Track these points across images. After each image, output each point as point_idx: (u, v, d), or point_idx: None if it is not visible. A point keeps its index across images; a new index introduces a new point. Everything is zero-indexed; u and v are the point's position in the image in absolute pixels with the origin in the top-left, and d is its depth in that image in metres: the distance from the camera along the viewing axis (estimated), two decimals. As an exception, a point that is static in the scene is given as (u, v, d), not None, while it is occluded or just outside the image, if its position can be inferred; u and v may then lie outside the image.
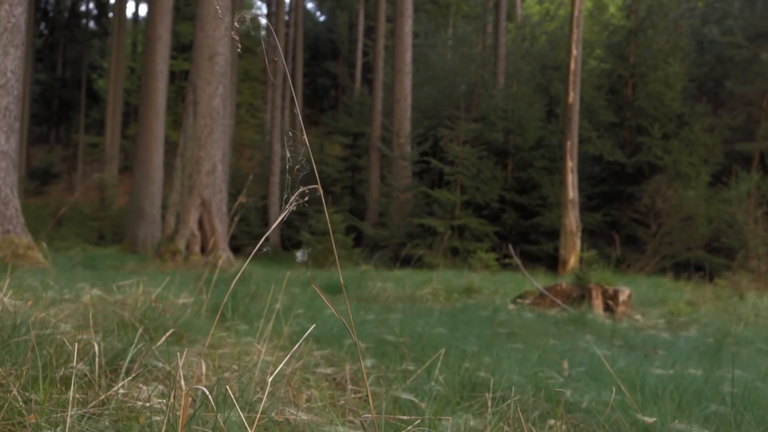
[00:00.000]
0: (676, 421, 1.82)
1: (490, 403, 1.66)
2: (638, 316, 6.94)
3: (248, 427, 1.29)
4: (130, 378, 1.68)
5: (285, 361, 1.72)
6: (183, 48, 32.91)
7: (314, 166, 1.34)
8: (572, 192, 15.05)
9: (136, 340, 1.94)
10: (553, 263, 15.73)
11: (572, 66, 15.17)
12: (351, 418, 1.68)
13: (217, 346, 2.84)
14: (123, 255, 15.46)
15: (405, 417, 1.49)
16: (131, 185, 18.64)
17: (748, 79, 17.22)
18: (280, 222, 1.24)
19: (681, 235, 15.25)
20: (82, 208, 26.34)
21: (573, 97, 15.12)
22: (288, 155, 1.19)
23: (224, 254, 12.57)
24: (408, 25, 20.15)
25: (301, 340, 1.66)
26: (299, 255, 1.28)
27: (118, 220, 24.41)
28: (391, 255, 17.13)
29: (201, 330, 3.22)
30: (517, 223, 17.46)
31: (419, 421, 1.45)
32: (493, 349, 3.58)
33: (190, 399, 1.38)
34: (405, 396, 1.78)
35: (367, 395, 2.10)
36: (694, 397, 2.31)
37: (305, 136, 1.32)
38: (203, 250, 12.55)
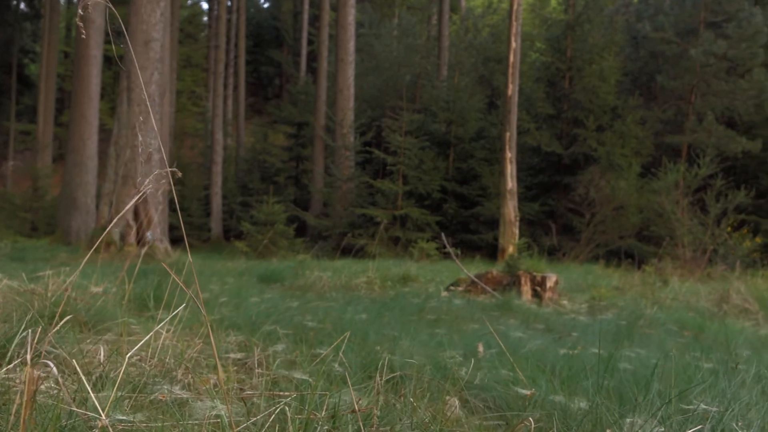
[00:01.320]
0: (560, 394, 1.93)
1: (379, 380, 1.71)
2: (565, 301, 7.20)
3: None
4: (16, 362, 1.66)
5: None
6: (120, 33, 31.78)
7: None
8: (511, 182, 15.40)
9: (23, 326, 1.92)
10: (492, 252, 16.07)
11: (511, 59, 15.46)
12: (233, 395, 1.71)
13: (130, 334, 2.81)
14: (55, 246, 14.94)
15: (285, 393, 1.53)
16: (63, 174, 17.98)
17: (678, 74, 17.95)
18: (132, 205, 1.25)
19: (613, 224, 15.82)
20: (13, 198, 25.23)
21: (512, 89, 15.43)
22: (140, 138, 1.20)
23: (161, 245, 12.33)
24: (351, 15, 20.09)
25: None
26: (149, 235, 1.29)
27: (52, 211, 23.50)
28: (333, 245, 17.13)
29: (116, 319, 3.18)
30: (457, 212, 17.75)
31: (295, 395, 1.50)
32: (412, 334, 3.67)
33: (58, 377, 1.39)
34: (300, 376, 1.83)
35: (270, 378, 2.14)
36: (587, 374, 2.44)
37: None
38: (139, 240, 12.26)
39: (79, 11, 1.21)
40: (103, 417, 1.22)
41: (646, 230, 15.61)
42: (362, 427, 1.38)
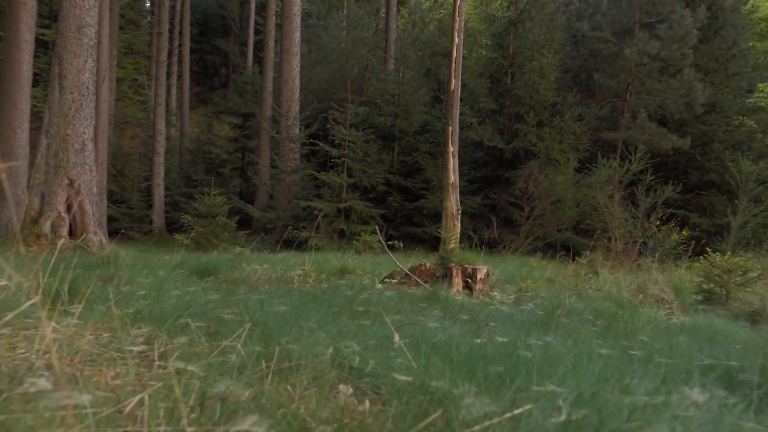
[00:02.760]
0: (446, 381, 2.01)
1: (265, 368, 1.76)
2: (495, 293, 7.40)
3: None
4: None
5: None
6: (56, 17, 30.56)
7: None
8: (453, 176, 15.57)
9: None
10: (436, 245, 16.27)
11: (454, 54, 15.58)
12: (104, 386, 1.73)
13: (27, 328, 2.76)
14: (-18, 239, 14.32)
15: (152, 383, 1.56)
16: (-7, 164, 17.20)
17: (614, 72, 18.55)
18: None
19: (551, 218, 16.28)
20: (-61, 188, 24.01)
21: (455, 84, 15.57)
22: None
23: (95, 237, 12.00)
24: (297, 5, 19.92)
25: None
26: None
27: (-19, 202, 22.48)
28: (277, 238, 17.02)
29: (20, 313, 3.12)
30: (402, 205, 17.90)
31: (162, 385, 1.53)
32: (332, 325, 3.73)
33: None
34: (190, 368, 1.85)
35: (170, 370, 2.15)
36: (485, 360, 2.55)
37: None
38: (72, 233, 11.90)
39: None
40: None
41: (582, 224, 16.13)
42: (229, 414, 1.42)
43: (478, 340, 3.27)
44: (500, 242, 16.48)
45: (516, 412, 1.39)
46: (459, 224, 15.69)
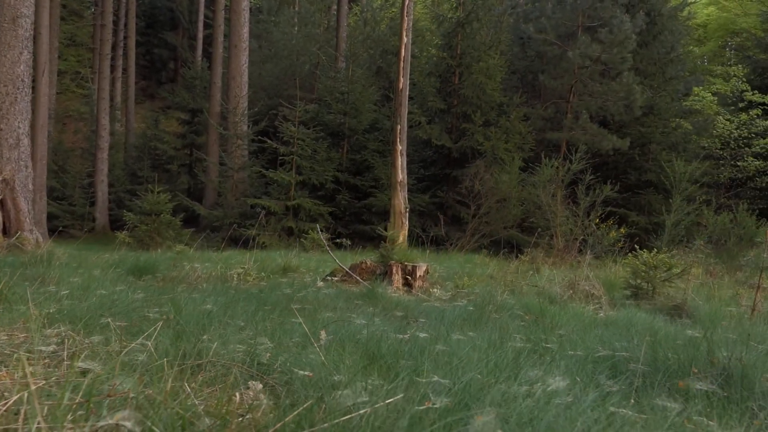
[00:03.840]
0: (349, 375, 2.08)
1: (167, 367, 1.79)
2: (435, 290, 7.54)
3: None
4: None
5: None
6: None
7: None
8: (401, 174, 15.73)
9: None
10: (392, 242, 16.41)
11: (402, 53, 15.72)
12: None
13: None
14: None
15: (37, 380, 1.58)
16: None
17: (558, 74, 19.03)
18: None
19: (497, 216, 16.60)
20: None
21: (403, 83, 15.73)
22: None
23: (31, 236, 11.63)
24: (245, 0, 19.68)
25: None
26: None
27: None
28: (224, 236, 16.83)
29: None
30: (350, 203, 17.95)
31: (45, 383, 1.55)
32: (261, 324, 3.76)
33: None
34: (91, 366, 1.87)
35: (77, 369, 2.15)
36: (397, 355, 2.63)
37: None
38: (6, 231, 11.49)
39: None
40: None
41: (527, 221, 16.51)
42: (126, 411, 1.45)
43: (401, 336, 3.35)
44: (447, 240, 16.71)
45: (387, 402, 1.47)
46: (407, 222, 15.85)
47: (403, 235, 15.62)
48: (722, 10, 33.05)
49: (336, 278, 7.53)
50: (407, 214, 16.04)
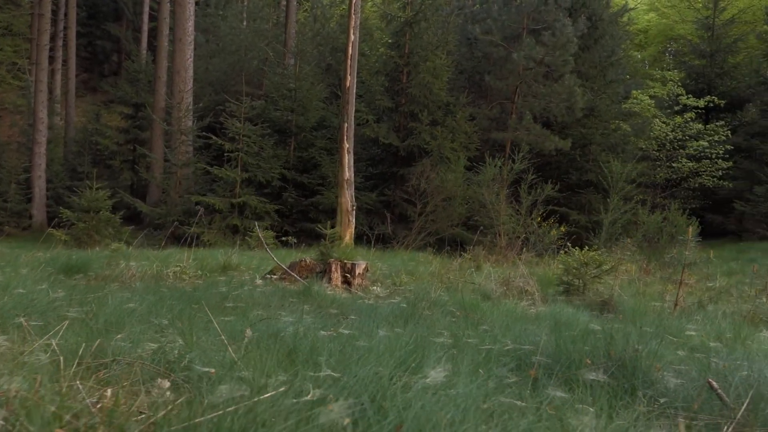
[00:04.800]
0: (255, 371, 2.10)
1: (63, 366, 1.77)
2: (375, 287, 7.59)
3: None
4: None
5: None
6: None
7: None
8: (348, 172, 15.77)
9: None
10: (331, 240, 16.39)
11: (350, 51, 15.76)
12: None
13: None
14: None
15: None
16: None
17: (503, 75, 19.40)
18: None
19: (443, 214, 16.81)
20: None
21: (350, 81, 15.76)
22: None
23: (-42, 233, 11.13)
24: (190, -7, 19.30)
25: None
26: None
27: None
28: (167, 234, 16.48)
29: None
30: (297, 201, 17.85)
31: None
32: (186, 323, 3.72)
33: None
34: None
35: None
36: (314, 351, 2.66)
37: None
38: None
39: None
40: None
41: (471, 220, 16.78)
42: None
43: (325, 333, 3.38)
44: (394, 238, 16.82)
45: (265, 396, 1.50)
46: (354, 220, 15.93)
47: (349, 233, 15.68)
48: (662, 16, 34.34)
49: (275, 276, 7.50)
50: (354, 212, 16.11)
